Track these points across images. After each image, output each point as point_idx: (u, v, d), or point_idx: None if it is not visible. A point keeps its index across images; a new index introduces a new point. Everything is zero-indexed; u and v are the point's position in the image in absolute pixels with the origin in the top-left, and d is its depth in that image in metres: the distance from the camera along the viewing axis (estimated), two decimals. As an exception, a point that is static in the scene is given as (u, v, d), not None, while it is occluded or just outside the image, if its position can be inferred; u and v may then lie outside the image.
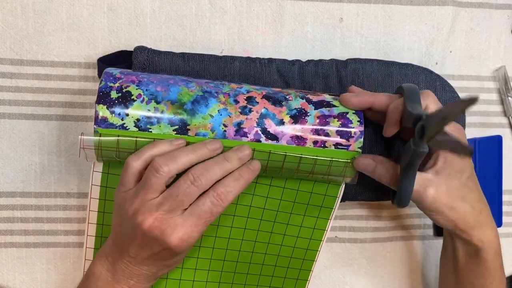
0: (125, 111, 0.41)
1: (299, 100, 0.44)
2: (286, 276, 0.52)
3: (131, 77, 0.42)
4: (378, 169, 0.44)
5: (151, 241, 0.40)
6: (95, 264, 0.43)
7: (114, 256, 0.42)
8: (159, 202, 0.39)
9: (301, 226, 0.49)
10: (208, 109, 0.42)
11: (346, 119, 0.43)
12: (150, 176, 0.39)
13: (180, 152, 0.40)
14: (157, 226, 0.39)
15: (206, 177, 0.39)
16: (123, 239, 0.41)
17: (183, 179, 0.39)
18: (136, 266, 0.42)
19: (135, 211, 0.39)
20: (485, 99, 0.56)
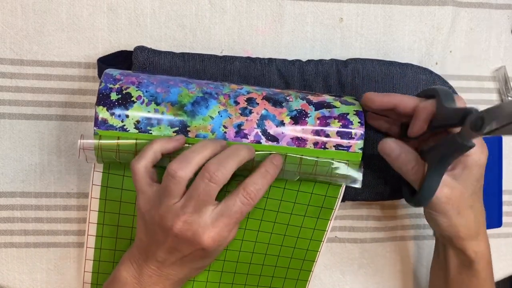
0: (125, 113, 0.41)
1: (300, 101, 0.44)
2: (286, 277, 0.52)
3: (131, 78, 0.42)
4: (402, 157, 0.43)
5: (182, 243, 0.40)
6: (119, 270, 0.42)
7: (139, 262, 0.42)
8: (183, 204, 0.39)
9: (301, 227, 0.49)
10: (208, 110, 0.42)
11: (346, 120, 0.43)
12: (168, 183, 0.39)
13: (192, 152, 0.39)
14: (188, 228, 0.39)
15: (223, 172, 0.39)
16: (150, 245, 0.41)
17: (200, 178, 0.39)
18: (163, 271, 0.41)
19: (162, 216, 0.39)
20: (485, 99, 0.56)
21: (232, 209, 0.39)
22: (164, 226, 0.39)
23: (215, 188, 0.39)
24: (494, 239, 0.58)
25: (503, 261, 0.59)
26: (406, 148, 0.43)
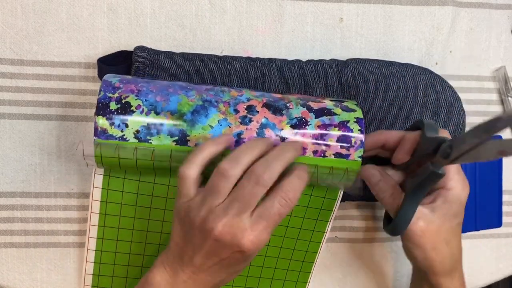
0: (124, 123, 0.40)
1: (300, 108, 0.44)
2: (286, 279, 0.51)
3: (130, 86, 0.42)
4: (380, 184, 0.44)
5: (221, 247, 0.39)
6: (153, 274, 0.41)
7: (174, 266, 0.41)
8: (226, 206, 0.38)
9: (300, 228, 0.49)
10: (208, 119, 0.41)
11: (347, 128, 0.43)
12: (217, 181, 0.38)
13: (241, 152, 0.39)
14: (227, 231, 0.38)
15: (270, 175, 0.38)
16: (186, 249, 0.40)
17: (247, 179, 0.38)
18: (199, 275, 0.40)
19: (203, 219, 0.38)
20: (485, 99, 0.56)
21: (270, 211, 0.39)
22: (204, 229, 0.38)
23: (261, 190, 0.38)
24: (494, 239, 0.59)
25: (503, 261, 0.59)
26: (386, 176, 0.45)
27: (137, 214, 0.46)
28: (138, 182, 0.45)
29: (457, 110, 0.50)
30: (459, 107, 0.50)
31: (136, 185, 0.45)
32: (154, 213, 0.47)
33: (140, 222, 0.47)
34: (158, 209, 0.47)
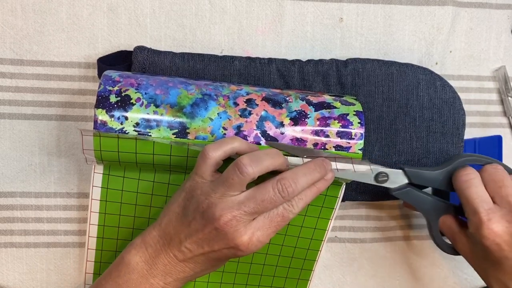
0: (124, 115, 0.41)
1: (299, 101, 0.44)
2: (287, 276, 0.52)
3: (130, 80, 0.42)
4: None
5: (217, 238, 0.39)
6: (130, 254, 0.40)
7: (157, 247, 0.40)
8: (241, 201, 0.38)
9: (302, 226, 0.49)
10: (208, 112, 0.42)
11: (346, 121, 0.43)
12: (232, 175, 0.38)
13: (265, 154, 0.39)
14: (233, 225, 0.38)
15: (294, 189, 0.39)
16: (179, 231, 0.39)
17: (272, 185, 0.39)
18: (182, 262, 0.40)
19: (212, 204, 0.38)
20: (485, 99, 0.56)
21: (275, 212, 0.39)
22: (209, 215, 0.38)
23: (281, 201, 0.39)
24: (494, 239, 0.58)
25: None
26: None
27: (137, 213, 0.46)
28: (138, 180, 0.45)
29: (457, 110, 0.50)
30: (459, 107, 0.50)
31: (136, 184, 0.45)
32: (154, 212, 0.47)
33: (140, 221, 0.47)
34: (158, 207, 0.47)
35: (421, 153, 0.50)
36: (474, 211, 0.43)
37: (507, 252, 0.42)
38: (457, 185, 0.45)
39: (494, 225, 0.42)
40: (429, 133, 0.50)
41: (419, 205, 0.48)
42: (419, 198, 0.47)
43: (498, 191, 0.44)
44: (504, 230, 0.42)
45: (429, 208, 0.48)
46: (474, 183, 0.44)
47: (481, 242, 0.43)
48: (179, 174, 0.46)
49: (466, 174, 0.45)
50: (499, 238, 0.42)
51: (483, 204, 0.43)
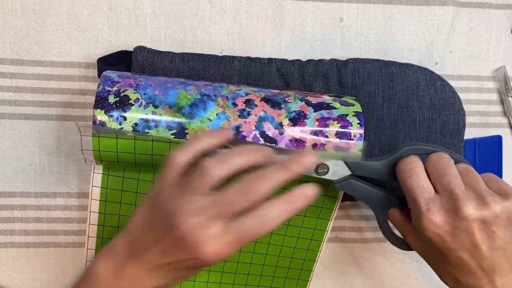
0: (123, 115, 0.41)
1: (298, 102, 0.44)
2: (287, 277, 0.52)
3: (129, 80, 0.42)
4: None
5: (181, 247, 0.35)
6: (97, 263, 0.38)
7: (124, 257, 0.37)
8: (204, 205, 0.35)
9: (301, 227, 0.49)
10: (206, 112, 0.42)
11: (346, 121, 0.43)
12: (197, 178, 0.36)
13: (231, 155, 0.37)
14: (196, 233, 0.35)
15: (259, 191, 0.35)
16: (145, 240, 0.37)
17: (235, 187, 0.36)
18: (149, 272, 0.37)
19: (173, 211, 0.35)
20: (485, 99, 0.56)
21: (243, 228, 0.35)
22: (170, 221, 0.35)
23: (245, 204, 0.35)
24: (494, 239, 0.58)
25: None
26: None
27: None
28: (137, 180, 0.45)
29: (457, 110, 0.50)
30: (459, 106, 0.50)
31: (135, 184, 0.45)
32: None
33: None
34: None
35: (421, 153, 0.50)
36: (414, 200, 0.40)
37: (450, 243, 0.39)
38: (399, 174, 0.42)
39: (433, 215, 0.39)
40: (429, 133, 0.50)
41: (363, 198, 0.45)
42: (363, 190, 0.44)
43: (439, 180, 0.40)
44: (443, 220, 0.39)
45: (375, 200, 0.45)
46: (415, 172, 0.41)
47: (423, 234, 0.40)
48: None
49: (407, 163, 0.42)
50: (440, 228, 0.39)
51: (423, 193, 0.40)
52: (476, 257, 0.39)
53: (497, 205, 0.39)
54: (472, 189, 0.40)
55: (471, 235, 0.39)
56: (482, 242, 0.39)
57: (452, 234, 0.39)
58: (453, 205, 0.39)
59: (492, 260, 0.39)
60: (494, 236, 0.39)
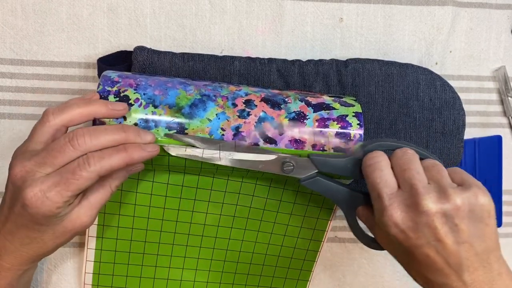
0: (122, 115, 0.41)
1: (298, 103, 0.44)
2: (287, 277, 0.52)
3: (129, 80, 0.42)
4: None
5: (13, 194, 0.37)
6: None
7: None
8: (36, 152, 0.36)
9: (301, 227, 0.49)
10: (206, 113, 0.42)
11: (345, 122, 0.43)
12: (36, 125, 0.38)
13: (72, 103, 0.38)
14: (21, 176, 0.36)
15: (87, 141, 0.36)
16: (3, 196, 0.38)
17: (64, 136, 0.36)
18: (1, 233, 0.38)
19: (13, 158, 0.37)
20: (485, 99, 0.56)
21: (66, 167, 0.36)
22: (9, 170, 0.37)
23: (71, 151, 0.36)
24: (494, 239, 0.58)
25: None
26: None
27: (136, 212, 0.46)
28: (137, 180, 0.45)
29: (457, 110, 0.50)
30: (458, 107, 0.50)
31: (135, 184, 0.45)
32: (153, 212, 0.47)
33: (139, 221, 0.47)
34: (157, 207, 0.47)
35: (421, 153, 0.50)
36: (377, 196, 0.39)
37: (414, 240, 0.38)
38: (363, 169, 0.41)
39: (394, 211, 0.38)
40: (429, 133, 0.50)
41: (330, 196, 0.44)
42: (330, 187, 0.43)
43: (402, 175, 0.39)
44: (404, 216, 0.38)
45: (343, 198, 0.44)
46: (379, 167, 0.40)
47: (387, 231, 0.39)
48: (178, 174, 0.46)
49: (371, 158, 0.41)
50: (403, 224, 0.38)
51: (385, 188, 0.39)
52: (441, 253, 0.37)
53: (458, 196, 0.37)
54: (434, 183, 0.38)
55: (434, 230, 0.37)
56: (446, 236, 0.37)
57: (415, 230, 0.37)
58: (413, 200, 0.37)
59: (459, 256, 0.37)
60: (458, 229, 0.37)
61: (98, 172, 0.36)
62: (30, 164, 0.36)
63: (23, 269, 0.40)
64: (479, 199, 0.37)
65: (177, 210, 0.47)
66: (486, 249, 0.38)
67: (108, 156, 0.37)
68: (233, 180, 0.47)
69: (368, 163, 0.41)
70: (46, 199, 0.35)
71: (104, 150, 0.37)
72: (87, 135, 0.36)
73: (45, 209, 0.36)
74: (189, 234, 0.48)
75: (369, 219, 0.43)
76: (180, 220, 0.48)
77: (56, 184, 0.35)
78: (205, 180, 0.46)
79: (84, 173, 0.36)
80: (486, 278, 0.38)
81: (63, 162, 0.36)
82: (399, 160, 0.40)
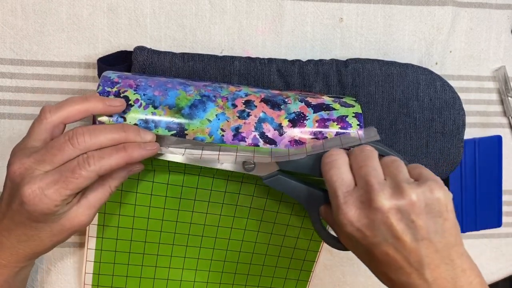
0: (122, 116, 0.41)
1: (298, 103, 0.44)
2: (286, 277, 0.52)
3: (129, 81, 0.42)
4: None
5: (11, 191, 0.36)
6: None
7: None
8: (35, 150, 0.36)
9: (301, 227, 0.49)
10: (206, 113, 0.42)
11: (345, 123, 0.43)
12: (34, 122, 0.38)
13: (69, 100, 0.38)
14: (20, 173, 0.36)
15: (86, 139, 0.36)
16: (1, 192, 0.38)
17: (63, 134, 0.37)
18: None
19: (11, 155, 0.37)
20: (485, 99, 0.56)
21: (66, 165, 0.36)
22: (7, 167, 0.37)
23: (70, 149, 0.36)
24: (494, 239, 0.59)
25: (503, 261, 0.59)
26: None
27: (136, 213, 0.46)
28: (137, 180, 0.45)
29: (457, 110, 0.50)
30: (458, 107, 0.50)
31: (135, 184, 0.45)
32: (153, 212, 0.47)
33: (139, 221, 0.47)
34: (157, 208, 0.47)
35: (421, 153, 0.50)
36: (333, 194, 0.38)
37: (371, 238, 0.36)
38: (322, 167, 0.40)
39: (348, 209, 0.37)
40: (429, 133, 0.50)
41: (293, 194, 0.43)
42: (292, 186, 0.42)
43: (358, 172, 0.38)
44: (360, 213, 0.36)
45: (306, 197, 0.43)
46: (336, 165, 0.39)
47: (343, 231, 0.38)
48: (178, 175, 0.46)
49: (330, 155, 0.40)
50: (358, 222, 0.37)
51: (341, 186, 0.38)
52: (401, 251, 0.36)
53: (412, 191, 0.36)
54: (390, 179, 0.37)
55: (390, 227, 0.36)
56: (404, 233, 0.36)
57: (371, 227, 0.36)
58: (367, 196, 0.36)
59: (419, 253, 0.36)
60: (415, 226, 0.36)
61: (98, 172, 0.36)
62: (29, 161, 0.36)
63: (19, 266, 0.40)
64: (434, 193, 0.36)
65: (177, 210, 0.47)
66: (446, 245, 0.36)
67: (108, 155, 0.36)
68: (233, 180, 0.47)
69: (325, 161, 0.40)
70: (44, 196, 0.35)
71: (104, 149, 0.37)
72: (86, 134, 0.36)
73: (42, 207, 0.36)
74: (189, 234, 0.48)
75: (330, 218, 0.42)
76: (180, 220, 0.48)
77: (55, 182, 0.35)
78: (205, 181, 0.46)
79: (83, 172, 0.36)
80: (449, 275, 0.36)
81: (62, 160, 0.36)
82: (356, 157, 0.39)
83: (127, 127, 0.39)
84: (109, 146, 0.37)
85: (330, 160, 0.39)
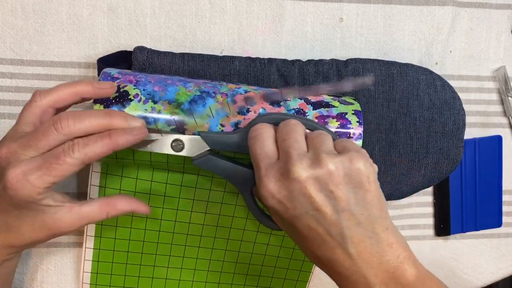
0: (122, 111, 0.41)
1: (298, 100, 0.44)
2: (286, 277, 0.52)
3: (129, 77, 0.42)
4: None
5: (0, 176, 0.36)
6: None
7: None
8: (23, 134, 0.36)
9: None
10: (205, 109, 0.42)
11: (345, 120, 0.43)
12: (24, 106, 0.38)
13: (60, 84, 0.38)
14: (6, 157, 0.35)
15: (70, 123, 0.35)
16: None
17: (49, 119, 0.36)
18: None
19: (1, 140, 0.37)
20: (485, 99, 0.56)
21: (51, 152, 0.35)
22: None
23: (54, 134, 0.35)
24: (494, 239, 0.59)
25: (503, 261, 0.59)
26: None
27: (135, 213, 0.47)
28: (136, 180, 0.45)
29: (457, 110, 0.50)
30: (459, 107, 0.50)
31: (134, 184, 0.45)
32: (152, 212, 0.47)
33: (137, 220, 0.47)
34: (156, 207, 0.47)
35: (422, 153, 0.50)
36: (257, 167, 0.37)
37: (292, 210, 0.35)
38: (248, 142, 0.39)
39: (269, 181, 0.36)
40: (429, 133, 0.50)
41: (225, 175, 0.41)
42: (223, 166, 0.41)
43: (281, 145, 0.37)
44: (279, 185, 0.35)
45: (238, 177, 0.41)
46: (260, 138, 0.38)
47: (266, 204, 0.36)
48: (177, 173, 0.46)
49: (255, 130, 0.38)
50: (278, 194, 0.35)
51: (264, 159, 0.37)
52: (322, 223, 0.35)
53: (330, 161, 0.35)
54: (312, 151, 0.36)
55: (309, 198, 0.35)
56: (324, 205, 0.35)
57: (291, 199, 0.35)
58: (286, 167, 0.35)
59: (340, 225, 0.35)
60: (334, 197, 0.35)
61: (83, 159, 0.36)
62: (15, 146, 0.35)
63: None
64: (354, 163, 0.35)
65: (175, 210, 0.47)
66: (369, 217, 0.35)
67: (93, 142, 0.36)
68: None
69: (251, 135, 0.39)
70: (27, 182, 0.34)
71: (90, 136, 0.36)
72: (70, 118, 0.36)
73: (24, 192, 0.35)
74: (187, 234, 0.48)
75: None
76: (179, 220, 0.48)
77: (38, 168, 0.35)
78: (204, 180, 0.46)
79: (68, 159, 0.35)
80: (374, 249, 0.35)
81: (47, 146, 0.35)
82: (281, 130, 0.38)
83: (114, 112, 0.38)
84: (96, 132, 0.36)
85: (255, 135, 0.38)
